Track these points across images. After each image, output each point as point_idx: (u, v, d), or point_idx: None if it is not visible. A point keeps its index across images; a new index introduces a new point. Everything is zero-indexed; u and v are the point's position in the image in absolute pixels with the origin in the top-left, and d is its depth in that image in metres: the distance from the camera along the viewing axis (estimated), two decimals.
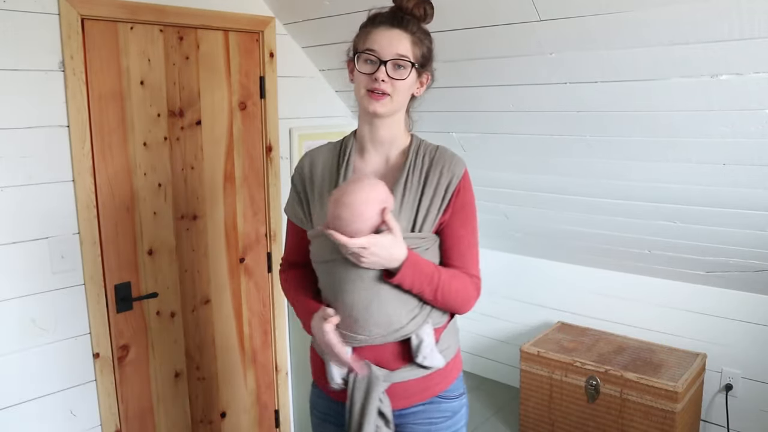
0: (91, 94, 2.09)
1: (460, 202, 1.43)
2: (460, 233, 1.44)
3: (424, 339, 1.40)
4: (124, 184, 2.22)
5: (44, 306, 2.04)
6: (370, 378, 1.39)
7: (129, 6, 2.13)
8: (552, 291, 3.32)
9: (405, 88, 1.39)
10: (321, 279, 1.46)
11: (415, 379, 1.43)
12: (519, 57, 2.12)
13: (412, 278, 1.34)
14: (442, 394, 1.48)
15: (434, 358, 1.42)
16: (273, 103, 2.64)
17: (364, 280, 1.35)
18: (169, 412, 2.46)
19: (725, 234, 2.40)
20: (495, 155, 2.70)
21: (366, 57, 1.36)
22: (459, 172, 1.43)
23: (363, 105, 1.39)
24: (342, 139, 1.53)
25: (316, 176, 1.48)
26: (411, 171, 1.42)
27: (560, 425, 2.88)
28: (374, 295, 1.36)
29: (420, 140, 1.50)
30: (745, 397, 2.75)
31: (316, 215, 1.45)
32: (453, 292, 1.40)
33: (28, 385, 2.03)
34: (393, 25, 1.36)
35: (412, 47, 1.37)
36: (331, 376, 1.44)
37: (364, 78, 1.36)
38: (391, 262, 1.31)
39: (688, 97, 1.92)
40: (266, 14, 2.57)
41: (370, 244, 1.27)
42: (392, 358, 1.42)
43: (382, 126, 1.43)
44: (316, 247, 1.44)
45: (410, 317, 1.39)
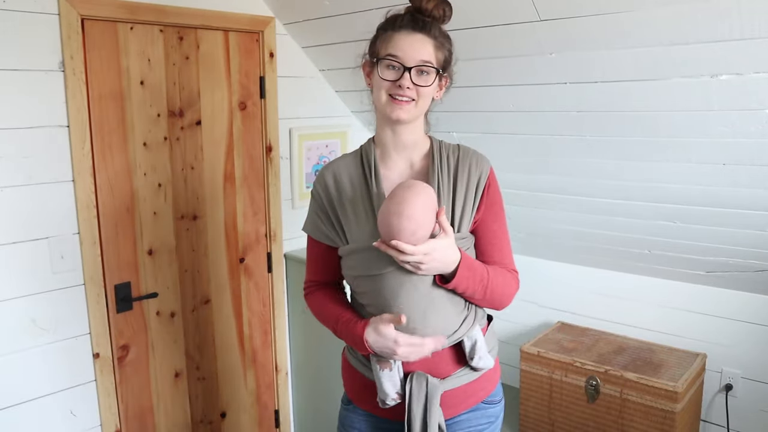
0: (91, 94, 2.09)
1: (491, 198, 1.43)
2: (494, 228, 1.44)
3: (477, 340, 1.40)
4: (124, 184, 2.22)
5: (44, 306, 2.04)
6: (428, 389, 1.36)
7: (129, 6, 2.13)
8: (552, 291, 3.32)
9: (428, 94, 1.37)
10: (367, 293, 1.40)
11: (463, 386, 1.42)
12: (519, 57, 2.12)
13: (467, 280, 1.32)
14: (487, 399, 1.47)
15: (487, 358, 1.42)
16: (273, 103, 2.64)
17: (419, 288, 1.33)
18: (169, 412, 2.46)
19: (725, 234, 2.40)
20: (495, 155, 2.68)
21: (389, 63, 1.32)
22: (486, 168, 1.44)
23: (385, 111, 1.35)
24: (360, 148, 1.48)
25: (344, 190, 1.43)
26: (439, 173, 1.40)
27: (560, 425, 2.87)
28: (429, 302, 1.34)
29: (439, 141, 1.48)
30: (745, 397, 2.75)
31: (352, 229, 1.40)
32: (499, 289, 1.40)
33: (28, 385, 2.03)
34: (415, 29, 1.33)
35: (435, 52, 1.36)
36: (384, 393, 1.37)
37: (386, 84, 1.33)
38: (448, 266, 1.29)
39: (688, 97, 1.92)
40: (266, 14, 2.57)
41: (432, 250, 1.24)
42: (444, 365, 1.40)
43: (405, 131, 1.40)
44: (361, 261, 1.38)
45: (461, 319, 1.39)
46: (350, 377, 1.53)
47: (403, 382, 1.37)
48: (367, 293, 1.40)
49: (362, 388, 1.47)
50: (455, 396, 1.41)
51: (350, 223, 1.40)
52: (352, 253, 1.40)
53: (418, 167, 1.43)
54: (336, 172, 1.46)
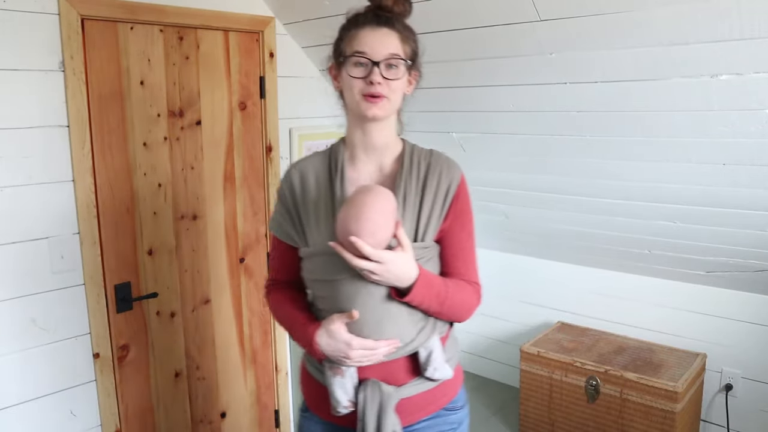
0: (91, 94, 2.09)
1: (460, 207, 1.40)
2: (461, 239, 1.41)
3: (433, 350, 1.37)
4: (124, 184, 2.22)
5: (44, 306, 2.04)
6: (382, 397, 1.33)
7: (129, 6, 2.13)
8: (552, 291, 3.32)
9: (400, 88, 1.34)
10: (323, 298, 1.37)
11: (422, 393, 1.39)
12: (519, 57, 2.12)
13: (423, 296, 1.30)
14: (448, 406, 1.45)
15: (444, 369, 1.39)
16: (273, 103, 2.64)
17: (375, 297, 1.29)
18: (169, 412, 2.46)
19: (725, 234, 2.40)
20: (495, 155, 2.70)
21: (356, 60, 1.30)
22: (457, 176, 1.40)
23: (359, 110, 1.32)
24: (330, 148, 1.45)
25: (309, 190, 1.40)
26: (408, 178, 1.37)
27: (560, 425, 2.87)
28: (384, 312, 1.30)
29: (412, 145, 1.44)
30: (745, 397, 2.75)
31: (312, 232, 1.37)
32: (458, 304, 1.37)
33: (28, 385, 2.03)
34: (379, 24, 1.31)
35: (402, 45, 1.32)
36: (336, 400, 1.34)
37: (357, 82, 1.30)
38: (403, 281, 1.26)
39: (688, 98, 1.92)
40: (266, 14, 2.57)
41: (388, 260, 1.22)
42: (400, 374, 1.37)
43: (375, 130, 1.37)
44: (319, 265, 1.35)
45: (418, 330, 1.35)
46: (307, 384, 1.49)
47: (356, 390, 1.34)
48: (324, 298, 1.36)
49: (318, 396, 1.43)
50: (413, 403, 1.38)
51: (311, 225, 1.37)
52: (311, 256, 1.37)
53: (388, 171, 1.40)
54: (303, 171, 1.42)
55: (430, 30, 2.21)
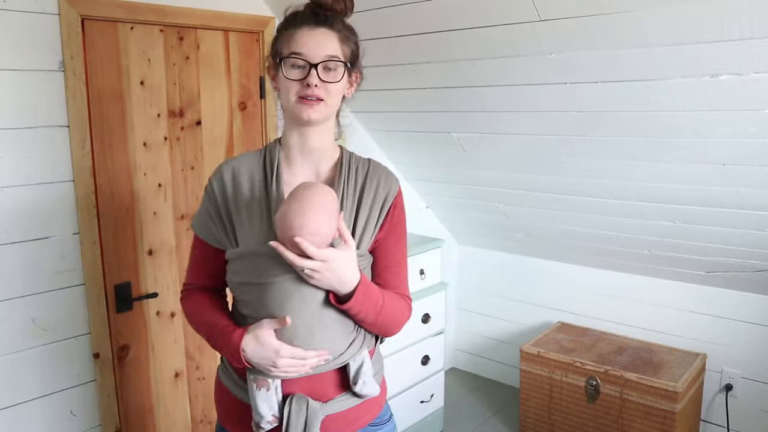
0: (91, 94, 2.09)
1: (396, 219, 1.36)
2: (394, 251, 1.36)
3: (363, 364, 1.31)
4: (124, 184, 2.22)
5: (44, 306, 2.04)
6: (308, 413, 1.25)
7: (129, 6, 2.13)
8: (552, 291, 3.32)
9: (338, 91, 1.29)
10: (251, 303, 1.28)
11: (348, 410, 1.32)
12: (519, 57, 2.12)
13: (362, 304, 1.24)
14: (374, 422, 1.39)
15: (372, 384, 1.32)
16: (273, 104, 2.64)
17: (310, 304, 1.23)
18: (169, 412, 2.46)
19: (725, 234, 2.40)
20: (495, 155, 2.70)
21: (293, 62, 1.24)
22: (394, 187, 1.37)
23: (295, 113, 1.27)
24: (265, 148, 1.39)
25: (241, 188, 1.33)
26: (345, 185, 1.32)
27: (560, 425, 2.88)
28: (318, 321, 1.24)
29: (350, 152, 1.40)
30: (745, 397, 2.75)
31: (243, 231, 1.30)
32: (391, 316, 1.32)
33: (28, 385, 2.03)
34: (317, 24, 1.26)
35: (341, 46, 1.27)
36: (260, 415, 1.25)
37: (293, 84, 1.25)
38: (344, 284, 1.20)
39: (688, 97, 1.93)
40: (266, 14, 2.57)
41: (331, 259, 1.16)
42: (327, 388, 1.30)
43: (312, 134, 1.32)
44: (248, 267, 1.27)
45: (349, 342, 1.30)
46: (222, 399, 1.40)
47: (281, 405, 1.26)
48: (250, 303, 1.28)
49: (236, 412, 1.35)
50: (338, 420, 1.31)
51: (243, 224, 1.30)
52: (241, 257, 1.29)
53: (325, 177, 1.35)
54: (235, 169, 1.35)
55: (430, 30, 2.21)
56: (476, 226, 3.33)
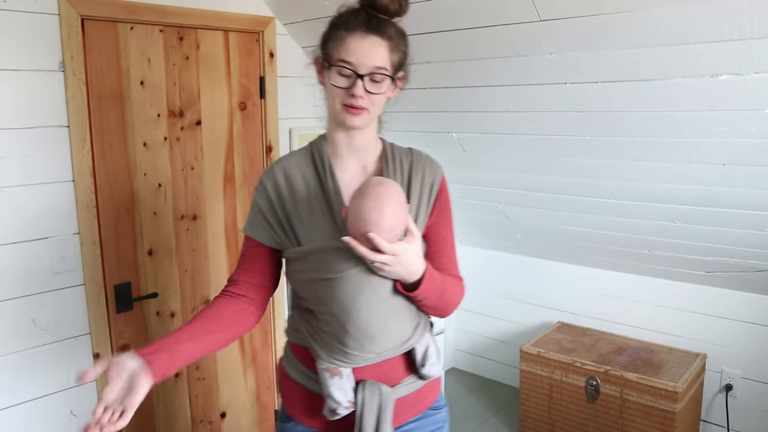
0: (91, 94, 2.09)
1: (443, 204, 1.40)
2: (444, 235, 1.41)
3: (429, 346, 1.37)
4: (124, 184, 2.22)
5: (44, 306, 2.04)
6: (381, 397, 1.30)
7: (129, 6, 2.13)
8: (552, 291, 3.32)
9: (382, 100, 1.31)
10: (320, 299, 1.31)
11: (412, 393, 1.38)
12: (519, 57, 2.12)
13: (429, 291, 1.28)
14: (433, 405, 1.44)
15: (438, 366, 1.38)
16: (273, 104, 2.64)
17: (380, 294, 1.27)
18: (169, 412, 2.46)
19: (725, 234, 2.40)
20: (495, 155, 2.70)
21: (340, 69, 1.26)
22: (439, 173, 1.41)
23: (339, 119, 1.30)
24: (310, 145, 1.41)
25: (296, 188, 1.35)
26: (393, 176, 1.35)
27: (560, 425, 2.88)
28: (389, 309, 1.29)
29: (390, 143, 1.43)
30: (745, 397, 2.75)
31: (305, 230, 1.32)
32: (451, 298, 1.36)
33: (28, 385, 2.03)
34: (369, 31, 1.25)
35: (390, 55, 1.27)
36: (336, 402, 1.29)
37: (339, 92, 1.27)
38: (411, 274, 1.24)
39: (688, 97, 1.93)
40: (266, 14, 2.57)
41: (402, 252, 1.19)
42: (395, 373, 1.35)
43: (357, 134, 1.35)
44: (317, 264, 1.30)
45: (414, 326, 1.35)
46: (290, 391, 1.43)
47: (354, 391, 1.31)
48: (320, 299, 1.30)
49: (306, 402, 1.38)
50: (404, 404, 1.37)
51: (304, 223, 1.32)
52: (305, 255, 1.32)
53: (372, 170, 1.38)
54: (287, 169, 1.37)
55: (430, 30, 2.21)
56: (476, 225, 3.33)
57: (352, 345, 1.27)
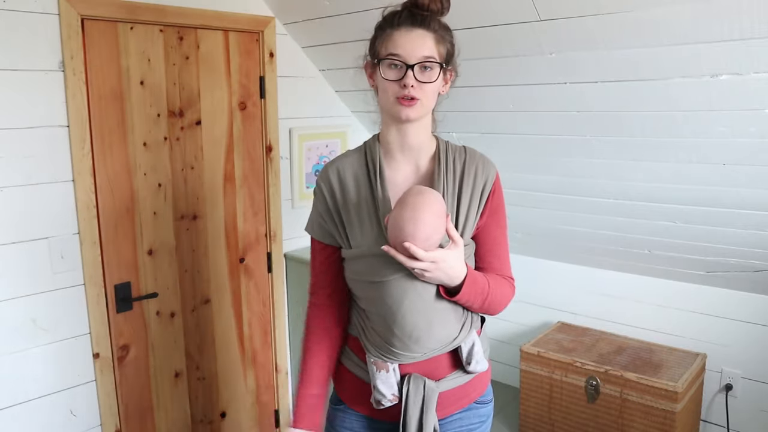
0: (91, 94, 2.09)
1: (495, 204, 1.41)
2: (496, 235, 1.42)
3: (474, 344, 1.40)
4: (124, 184, 2.22)
5: (44, 306, 2.04)
6: (425, 391, 1.35)
7: (129, 6, 2.13)
8: (552, 291, 3.32)
9: (433, 90, 1.33)
10: (369, 300, 1.37)
11: (457, 387, 1.42)
12: (519, 57, 2.12)
13: (470, 294, 1.31)
14: (479, 399, 1.48)
15: (483, 362, 1.42)
16: (273, 103, 2.64)
17: (424, 298, 1.31)
18: (169, 412, 2.46)
19: (725, 234, 2.40)
20: (495, 155, 2.67)
21: (390, 62, 1.29)
22: (492, 173, 1.41)
23: (393, 112, 1.32)
24: (365, 145, 1.44)
25: (348, 190, 1.39)
26: (445, 176, 1.37)
27: (560, 425, 2.87)
28: (435, 313, 1.32)
29: (446, 142, 1.44)
30: (745, 397, 2.75)
31: (355, 233, 1.36)
32: (497, 299, 1.39)
33: (28, 385, 2.03)
34: (414, 25, 1.30)
35: (437, 46, 1.31)
36: (381, 394, 1.36)
37: (391, 85, 1.29)
38: (453, 279, 1.27)
39: (688, 97, 1.92)
40: (266, 14, 2.57)
41: (440, 259, 1.22)
42: (441, 369, 1.39)
43: (411, 131, 1.36)
44: (364, 267, 1.35)
45: (460, 326, 1.38)
46: (341, 378, 1.50)
47: (399, 384, 1.37)
48: (369, 299, 1.37)
49: (356, 390, 1.45)
50: (449, 397, 1.41)
51: (354, 227, 1.37)
52: (355, 258, 1.37)
53: (424, 170, 1.40)
54: (340, 171, 1.41)
55: None
56: None
57: (397, 345, 1.33)
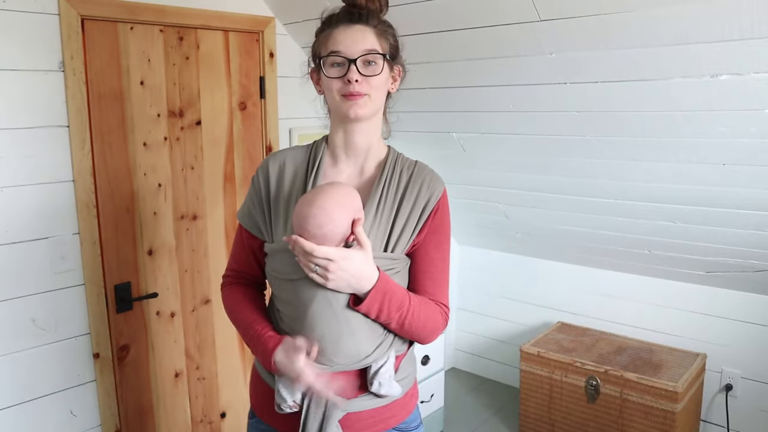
0: (91, 94, 2.09)
1: (437, 223, 1.33)
2: (434, 256, 1.33)
3: (382, 366, 1.29)
4: (124, 184, 2.22)
5: (44, 306, 2.04)
6: (327, 405, 1.26)
7: (129, 6, 2.13)
8: (552, 291, 3.32)
9: (381, 84, 1.28)
10: (283, 300, 1.31)
11: (371, 410, 1.32)
12: (519, 57, 2.12)
13: (381, 305, 1.22)
14: (400, 426, 1.37)
15: (392, 386, 1.30)
16: (273, 104, 2.63)
17: (334, 307, 1.22)
18: (169, 412, 2.46)
19: (725, 234, 2.40)
20: (495, 155, 2.70)
21: (332, 60, 1.25)
22: (438, 190, 1.34)
23: (341, 111, 1.27)
24: (313, 144, 1.40)
25: (284, 184, 1.34)
26: (387, 185, 1.31)
27: (560, 425, 2.88)
28: (345, 325, 1.23)
29: (397, 153, 1.38)
30: (745, 397, 2.75)
31: (278, 227, 1.31)
32: (421, 322, 1.28)
33: (28, 385, 2.03)
34: (352, 22, 1.26)
35: (379, 40, 1.27)
36: (282, 398, 1.28)
37: (335, 83, 1.26)
38: (361, 283, 1.19)
39: (688, 97, 1.93)
40: (266, 14, 2.57)
41: (339, 257, 1.15)
42: (350, 386, 1.29)
43: (358, 131, 1.31)
44: (279, 263, 1.29)
45: (376, 345, 1.28)
46: (255, 388, 1.43)
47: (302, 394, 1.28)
48: (284, 299, 1.31)
49: (265, 400, 1.37)
50: (362, 419, 1.31)
51: (279, 221, 1.31)
52: (275, 254, 1.31)
53: (369, 175, 1.34)
54: (282, 162, 1.36)
55: (430, 30, 2.21)
56: (476, 226, 3.33)
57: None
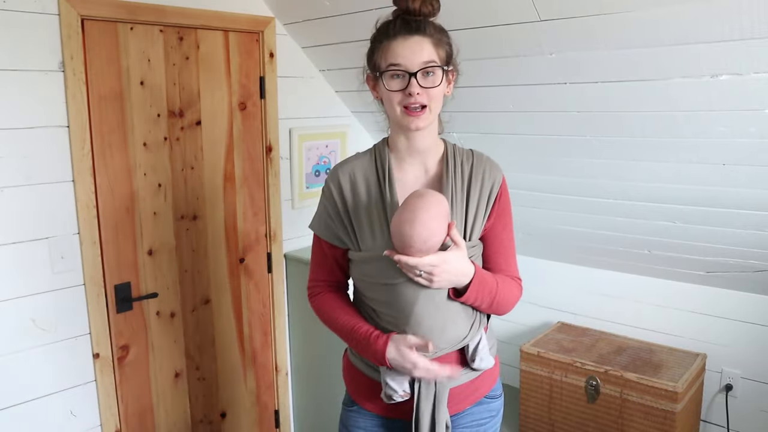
0: (91, 94, 2.09)
1: (502, 207, 1.44)
2: (503, 237, 1.45)
3: (480, 341, 1.43)
4: (124, 184, 2.22)
5: (44, 306, 2.04)
6: (437, 388, 1.37)
7: (129, 6, 2.13)
8: (552, 291, 3.32)
9: (439, 94, 1.35)
10: (382, 301, 1.39)
11: (467, 383, 1.45)
12: (519, 57, 2.12)
13: (478, 293, 1.34)
14: (489, 394, 1.51)
15: (488, 359, 1.45)
16: (273, 104, 2.64)
17: (436, 302, 1.33)
18: (169, 412, 2.46)
19: (725, 234, 2.40)
20: (495, 155, 2.67)
21: (392, 73, 1.30)
22: (499, 177, 1.45)
23: (403, 124, 1.34)
24: (374, 149, 1.46)
25: (359, 193, 1.40)
26: (453, 179, 1.39)
27: (560, 425, 2.87)
28: (446, 314, 1.35)
29: (453, 145, 1.47)
30: (745, 397, 2.75)
31: (365, 236, 1.38)
32: (506, 298, 1.42)
33: (28, 385, 2.03)
34: (410, 33, 1.30)
35: (436, 49, 1.32)
36: (392, 389, 1.37)
37: (396, 95, 1.31)
38: (461, 279, 1.30)
39: (688, 97, 1.92)
40: (266, 14, 2.57)
41: (441, 262, 1.25)
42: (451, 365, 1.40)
43: (419, 137, 1.38)
44: (377, 270, 1.37)
45: (470, 326, 1.41)
46: (353, 379, 1.52)
47: (410, 381, 1.38)
48: (380, 301, 1.39)
49: (366, 389, 1.47)
50: (460, 393, 1.43)
51: (364, 230, 1.38)
52: (366, 261, 1.39)
53: (433, 173, 1.43)
54: (351, 173, 1.42)
55: None
56: None
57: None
